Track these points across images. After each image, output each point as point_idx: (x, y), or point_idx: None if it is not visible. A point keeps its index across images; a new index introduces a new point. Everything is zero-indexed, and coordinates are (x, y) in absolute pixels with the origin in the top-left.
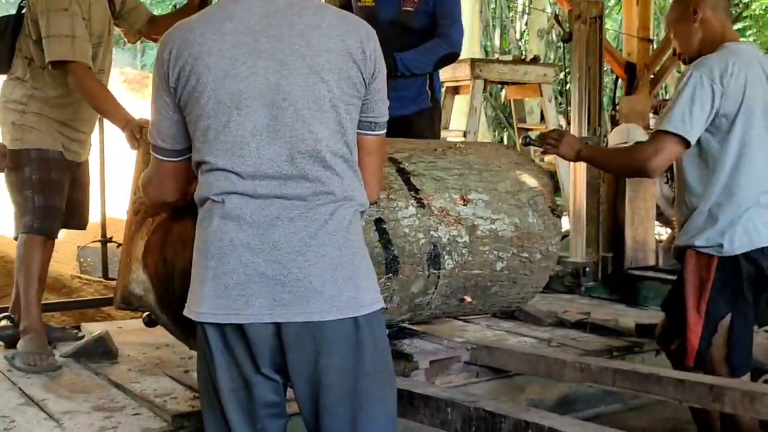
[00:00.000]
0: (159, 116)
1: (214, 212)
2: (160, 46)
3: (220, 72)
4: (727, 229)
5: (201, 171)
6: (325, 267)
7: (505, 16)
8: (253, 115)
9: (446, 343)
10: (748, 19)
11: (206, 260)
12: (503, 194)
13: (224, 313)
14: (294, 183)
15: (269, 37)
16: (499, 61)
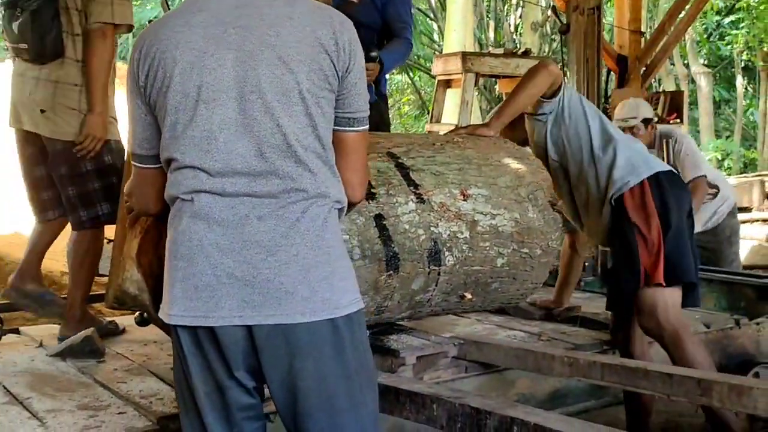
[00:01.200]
0: (132, 121)
1: (183, 211)
2: (134, 46)
3: (186, 64)
4: (637, 159)
5: (170, 169)
6: (297, 267)
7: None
8: (221, 108)
9: (433, 339)
10: (741, 11)
11: (176, 261)
12: (503, 189)
13: (193, 315)
14: (264, 180)
15: (238, 28)
16: (491, 54)
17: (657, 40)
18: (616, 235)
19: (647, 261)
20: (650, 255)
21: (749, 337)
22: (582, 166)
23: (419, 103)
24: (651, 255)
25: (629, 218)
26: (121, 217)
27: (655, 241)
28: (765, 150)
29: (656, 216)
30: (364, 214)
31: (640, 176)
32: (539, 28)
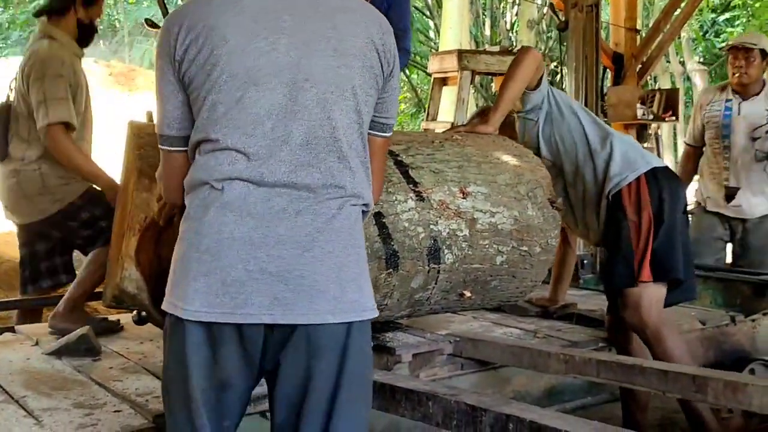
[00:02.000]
0: (163, 99)
1: (211, 201)
2: (168, 21)
3: (237, 45)
4: (633, 154)
5: (201, 151)
6: (330, 265)
7: (496, 6)
8: (271, 93)
9: (429, 336)
10: (737, 9)
11: (199, 253)
12: (502, 187)
13: (220, 311)
14: (305, 171)
15: (293, 16)
16: (487, 52)
17: (653, 38)
18: (612, 229)
19: (638, 257)
20: (640, 252)
21: (745, 333)
22: (578, 163)
23: (415, 101)
24: (641, 252)
25: (626, 213)
26: (117, 216)
27: (644, 237)
28: None
29: (649, 211)
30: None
31: (637, 171)
32: (535, 26)
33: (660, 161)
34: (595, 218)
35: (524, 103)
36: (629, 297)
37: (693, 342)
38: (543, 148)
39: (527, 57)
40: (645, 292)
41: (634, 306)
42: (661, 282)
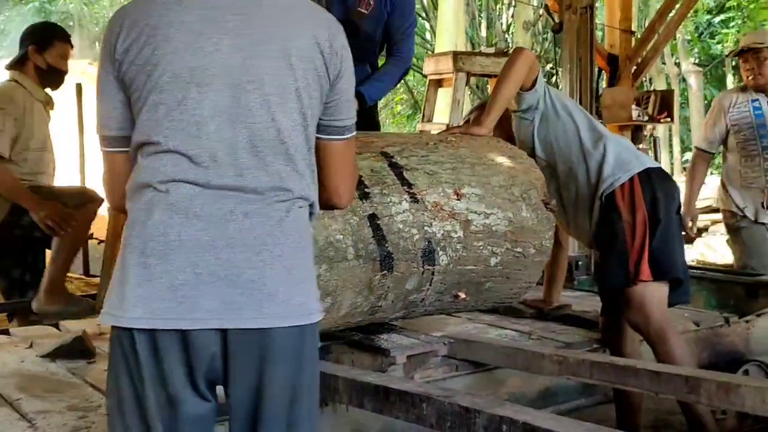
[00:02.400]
0: (102, 98)
1: (156, 204)
2: (111, 20)
3: (180, 44)
4: (626, 155)
5: (143, 153)
6: (280, 268)
7: (492, 8)
8: (214, 94)
9: (423, 338)
10: (731, 10)
11: (144, 258)
12: (496, 188)
13: (164, 318)
14: (252, 175)
15: (237, 15)
16: (482, 54)
17: (647, 40)
18: (605, 230)
19: (635, 257)
20: (636, 251)
21: (739, 335)
22: (572, 164)
23: (411, 103)
24: (637, 251)
25: (620, 214)
26: (113, 217)
27: (640, 237)
28: None
29: (644, 211)
30: (358, 213)
31: (630, 172)
32: (531, 28)
33: (654, 162)
34: (588, 219)
35: (519, 103)
36: (632, 296)
37: (688, 343)
38: (538, 147)
39: (520, 58)
40: (647, 291)
41: (637, 305)
42: (662, 281)
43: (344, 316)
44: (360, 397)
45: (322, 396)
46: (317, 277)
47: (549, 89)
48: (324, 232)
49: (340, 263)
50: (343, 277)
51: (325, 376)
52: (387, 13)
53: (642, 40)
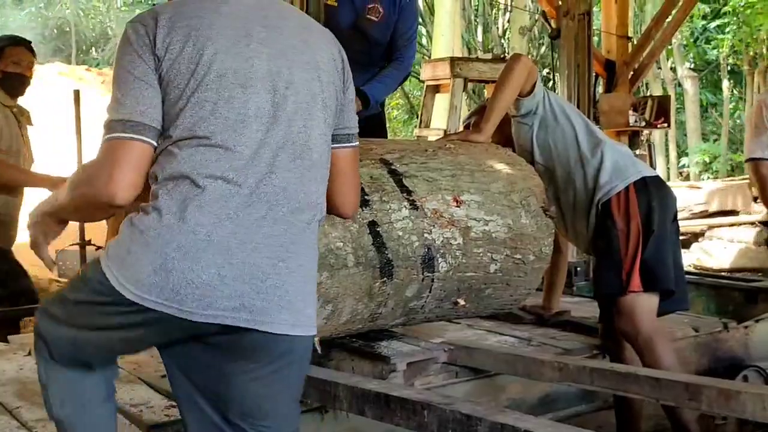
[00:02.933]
0: (140, 87)
1: (191, 199)
2: (145, 17)
3: (222, 47)
4: (624, 162)
5: (182, 146)
6: (299, 278)
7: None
8: (257, 96)
9: (423, 345)
10: (727, 16)
11: (169, 250)
12: (496, 195)
13: (178, 307)
14: (281, 177)
15: (267, 27)
16: (479, 59)
17: (644, 45)
18: (601, 238)
19: (627, 266)
20: (629, 261)
21: (738, 340)
22: (569, 169)
23: (407, 108)
24: (629, 261)
25: (615, 222)
26: (112, 222)
27: (633, 247)
28: None
29: (638, 220)
30: (357, 221)
31: (626, 180)
32: (527, 33)
33: (651, 170)
34: (585, 225)
35: (518, 108)
36: (622, 305)
37: (686, 349)
38: (536, 152)
39: (517, 65)
40: (637, 301)
41: (627, 314)
42: (652, 292)
43: (345, 323)
44: (361, 404)
45: (323, 403)
46: (318, 285)
47: (548, 94)
48: (324, 240)
49: (341, 270)
50: (343, 285)
51: (325, 383)
52: (393, 20)
53: (639, 45)
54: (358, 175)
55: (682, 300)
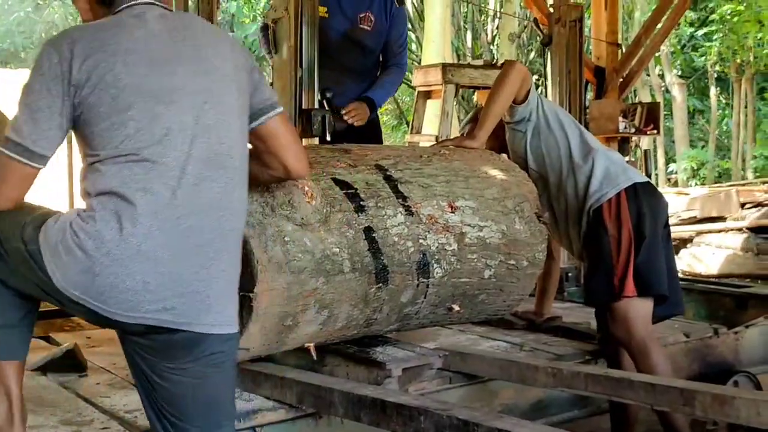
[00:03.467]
0: (39, 116)
1: (122, 211)
2: (56, 45)
3: (142, 69)
4: (615, 169)
5: (111, 162)
6: (222, 282)
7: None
8: (179, 111)
9: (418, 351)
10: (714, 24)
11: (99, 255)
12: (490, 201)
13: (102, 306)
14: (207, 188)
15: (184, 43)
16: (470, 65)
17: (634, 52)
18: (592, 245)
19: (620, 273)
20: (622, 267)
21: (728, 346)
22: (561, 176)
23: (397, 113)
24: (622, 267)
25: (606, 229)
26: None
27: (625, 253)
28: (739, 160)
29: (629, 226)
30: (354, 226)
31: (617, 187)
32: (516, 39)
33: (641, 176)
34: (578, 232)
35: (512, 115)
36: (616, 311)
37: (677, 354)
38: (530, 159)
39: (512, 71)
40: (631, 307)
41: (621, 320)
42: (646, 297)
43: (340, 329)
44: (357, 410)
45: (318, 409)
46: (314, 291)
47: (542, 101)
48: (321, 246)
49: (337, 276)
50: (339, 290)
51: (320, 389)
52: (386, 28)
53: (628, 53)
54: (294, 134)
55: (677, 304)
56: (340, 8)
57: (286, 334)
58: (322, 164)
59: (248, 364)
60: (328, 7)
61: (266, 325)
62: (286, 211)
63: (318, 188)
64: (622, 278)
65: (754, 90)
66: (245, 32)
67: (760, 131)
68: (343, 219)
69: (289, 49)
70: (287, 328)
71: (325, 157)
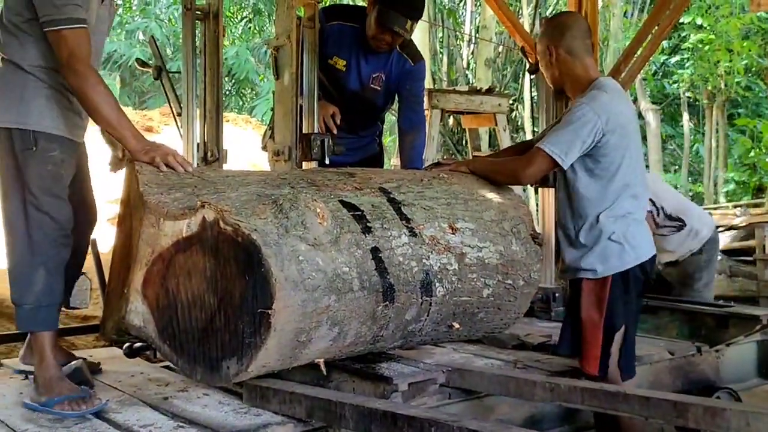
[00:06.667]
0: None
1: None
2: None
3: None
4: (617, 248)
5: None
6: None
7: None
8: None
9: (422, 366)
10: (686, 52)
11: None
12: (488, 223)
13: None
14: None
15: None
16: (456, 91)
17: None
18: (571, 306)
19: (586, 351)
20: (590, 347)
21: (710, 363)
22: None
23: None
24: (590, 347)
25: (580, 306)
26: (117, 249)
27: (597, 338)
28: (711, 184)
29: (604, 316)
30: (362, 247)
31: (607, 271)
32: (492, 65)
33: (647, 254)
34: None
35: None
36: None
37: (662, 371)
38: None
39: (509, 175)
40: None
41: None
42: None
43: (348, 345)
44: (367, 422)
45: (328, 422)
46: (327, 308)
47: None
48: (332, 265)
49: (347, 294)
50: (349, 308)
51: (331, 403)
52: (394, 88)
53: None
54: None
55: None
56: (358, 67)
57: (300, 350)
58: (329, 187)
59: (256, 380)
60: (347, 62)
61: (282, 340)
62: (300, 232)
63: (328, 210)
64: (587, 359)
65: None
66: (225, 54)
67: (731, 156)
68: (352, 240)
69: (290, 75)
70: (301, 344)
71: (332, 180)
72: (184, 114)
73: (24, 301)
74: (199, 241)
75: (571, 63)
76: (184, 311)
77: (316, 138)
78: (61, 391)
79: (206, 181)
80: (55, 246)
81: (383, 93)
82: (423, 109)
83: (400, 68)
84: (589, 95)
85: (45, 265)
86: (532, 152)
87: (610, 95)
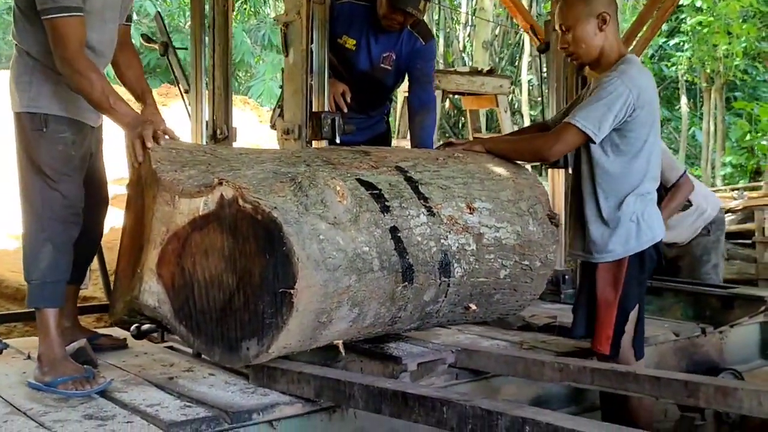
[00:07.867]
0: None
1: None
2: None
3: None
4: (635, 228)
5: None
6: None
7: (449, 27)
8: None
9: (431, 346)
10: (683, 34)
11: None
12: (505, 203)
13: None
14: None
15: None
16: (457, 72)
17: None
18: (584, 286)
19: (599, 331)
20: (602, 327)
21: (714, 345)
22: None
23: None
24: (603, 327)
25: (595, 286)
26: (128, 230)
27: (611, 317)
28: (708, 167)
29: (620, 295)
30: (381, 226)
31: (626, 252)
32: (490, 47)
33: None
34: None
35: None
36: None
37: (667, 352)
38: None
39: (534, 151)
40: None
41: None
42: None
43: (367, 327)
44: (377, 402)
45: (337, 402)
46: (348, 288)
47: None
48: (352, 244)
49: (368, 275)
50: (369, 288)
51: (340, 383)
52: (405, 66)
53: None
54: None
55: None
56: (368, 47)
57: (320, 331)
58: (345, 165)
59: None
60: (357, 41)
61: (304, 321)
62: (320, 210)
63: (347, 188)
64: (600, 338)
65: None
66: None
67: (729, 140)
68: (371, 219)
69: (300, 52)
70: (322, 325)
71: (347, 158)
72: (192, 91)
73: (31, 277)
74: (216, 219)
75: (616, 33)
76: (201, 291)
77: (327, 116)
78: (65, 371)
79: (220, 159)
80: (62, 222)
81: (393, 72)
82: (433, 89)
83: (411, 47)
84: (619, 69)
85: (52, 241)
86: (560, 128)
87: (639, 70)
